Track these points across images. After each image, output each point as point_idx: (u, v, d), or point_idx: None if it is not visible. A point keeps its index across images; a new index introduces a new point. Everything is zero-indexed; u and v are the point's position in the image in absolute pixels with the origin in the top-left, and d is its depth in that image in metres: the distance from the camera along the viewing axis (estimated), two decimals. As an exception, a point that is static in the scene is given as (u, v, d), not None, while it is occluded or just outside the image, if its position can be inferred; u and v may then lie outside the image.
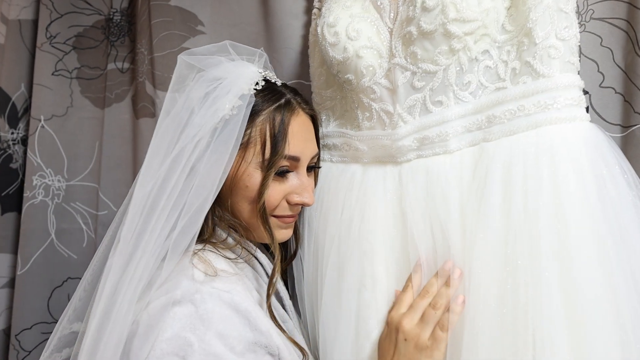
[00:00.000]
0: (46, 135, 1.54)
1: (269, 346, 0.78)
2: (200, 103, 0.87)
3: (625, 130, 0.89)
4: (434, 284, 0.82)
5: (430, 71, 0.88)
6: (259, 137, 0.88)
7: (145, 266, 0.78)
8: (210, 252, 0.85)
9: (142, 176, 0.86)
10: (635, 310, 0.69)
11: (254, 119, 0.88)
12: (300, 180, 0.93)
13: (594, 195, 0.73)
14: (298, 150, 0.90)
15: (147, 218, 0.81)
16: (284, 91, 0.94)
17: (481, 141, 0.85)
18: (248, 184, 0.88)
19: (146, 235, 0.80)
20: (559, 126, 0.77)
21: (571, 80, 0.78)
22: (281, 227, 0.95)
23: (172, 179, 0.82)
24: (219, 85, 0.88)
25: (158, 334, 0.74)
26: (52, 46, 1.55)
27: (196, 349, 0.72)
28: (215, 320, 0.74)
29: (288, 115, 0.90)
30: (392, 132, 0.93)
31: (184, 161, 0.82)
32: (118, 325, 0.76)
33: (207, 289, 0.77)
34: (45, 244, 1.52)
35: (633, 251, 0.71)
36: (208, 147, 0.83)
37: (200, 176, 0.82)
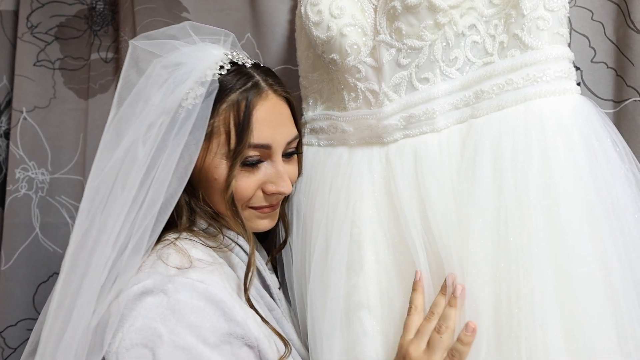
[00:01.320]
0: (28, 127, 1.50)
1: (246, 337, 0.75)
2: (157, 91, 0.81)
3: (618, 105, 0.87)
4: (439, 303, 0.76)
5: (416, 47, 0.85)
6: (223, 126, 0.83)
7: (97, 265, 0.75)
8: (187, 241, 0.82)
9: (93, 170, 0.82)
10: (628, 285, 0.67)
11: (218, 106, 0.82)
12: (275, 169, 0.88)
13: (586, 169, 0.70)
14: (267, 137, 0.85)
15: (100, 212, 0.78)
16: (252, 73, 0.88)
17: (469, 118, 0.82)
18: (216, 176, 0.84)
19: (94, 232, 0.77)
20: (548, 99, 0.74)
21: (560, 52, 0.76)
22: (260, 218, 0.92)
23: (127, 175, 0.78)
24: (178, 71, 0.82)
25: (128, 324, 0.72)
26: (33, 36, 1.51)
27: (165, 340, 0.70)
28: (187, 311, 0.72)
29: (254, 100, 0.84)
30: (378, 111, 0.90)
31: (140, 154, 0.78)
32: (82, 319, 0.73)
33: (180, 279, 0.74)
34: (29, 239, 1.49)
35: (626, 226, 0.69)
36: (168, 139, 0.79)
37: (162, 171, 0.77)
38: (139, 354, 0.70)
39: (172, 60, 0.84)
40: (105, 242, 0.75)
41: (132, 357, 0.70)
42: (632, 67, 0.84)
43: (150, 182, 0.77)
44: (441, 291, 0.77)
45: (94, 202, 0.79)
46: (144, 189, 0.77)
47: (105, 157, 0.81)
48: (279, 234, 1.08)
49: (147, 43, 0.85)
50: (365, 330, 0.86)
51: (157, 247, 0.79)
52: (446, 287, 0.76)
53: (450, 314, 0.74)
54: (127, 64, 0.85)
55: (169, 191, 0.78)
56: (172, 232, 0.83)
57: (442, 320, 0.75)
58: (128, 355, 0.70)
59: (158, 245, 0.80)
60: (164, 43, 0.86)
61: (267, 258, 1.07)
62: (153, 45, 0.85)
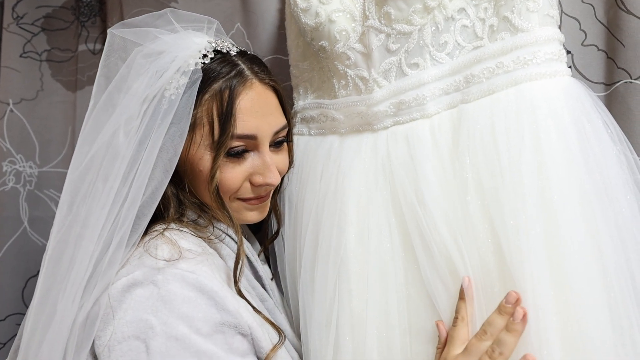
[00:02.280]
0: (15, 119, 1.48)
1: (239, 326, 0.74)
2: (138, 82, 0.79)
3: (609, 88, 0.86)
4: (494, 323, 0.69)
5: (405, 32, 0.84)
6: (206, 117, 0.81)
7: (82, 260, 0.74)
8: (176, 232, 0.81)
9: (73, 161, 0.81)
10: (620, 265, 0.67)
11: (201, 96, 0.80)
12: (262, 160, 0.85)
13: (577, 151, 0.70)
14: (251, 127, 0.82)
15: (82, 206, 0.77)
16: (237, 61, 0.85)
17: (460, 103, 0.81)
18: (201, 168, 0.82)
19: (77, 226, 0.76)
20: (539, 82, 0.74)
21: (551, 33, 0.75)
22: (248, 210, 0.90)
23: (109, 168, 0.76)
24: (159, 60, 0.80)
25: (119, 317, 0.70)
26: (19, 27, 1.49)
27: (158, 331, 0.69)
28: (179, 301, 0.71)
29: (238, 89, 0.82)
30: (368, 97, 0.90)
31: (122, 148, 0.76)
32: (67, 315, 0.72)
33: (170, 270, 0.72)
34: (17, 233, 1.47)
35: (618, 207, 0.69)
36: (150, 132, 0.77)
37: (145, 164, 0.76)
38: (131, 346, 0.69)
39: (153, 49, 0.81)
40: (90, 236, 0.74)
41: (125, 349, 0.69)
42: (623, 49, 0.83)
43: (134, 175, 0.75)
44: (499, 309, 0.70)
45: (76, 195, 0.78)
46: (127, 183, 0.75)
47: (85, 148, 0.79)
48: (271, 225, 1.07)
49: (127, 31, 0.83)
50: (352, 320, 0.85)
51: (145, 239, 0.78)
52: (505, 307, 0.69)
53: (508, 341, 0.67)
54: (106, 52, 0.83)
55: (154, 184, 0.77)
56: (161, 223, 0.82)
57: (497, 345, 0.68)
58: (120, 348, 0.69)
59: (146, 237, 0.78)
60: (144, 31, 0.83)
61: (260, 249, 1.06)
62: (133, 34, 0.83)
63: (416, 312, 0.81)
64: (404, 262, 0.82)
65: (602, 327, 0.65)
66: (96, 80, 0.82)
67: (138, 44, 0.82)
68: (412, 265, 0.81)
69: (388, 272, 0.83)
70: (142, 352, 0.69)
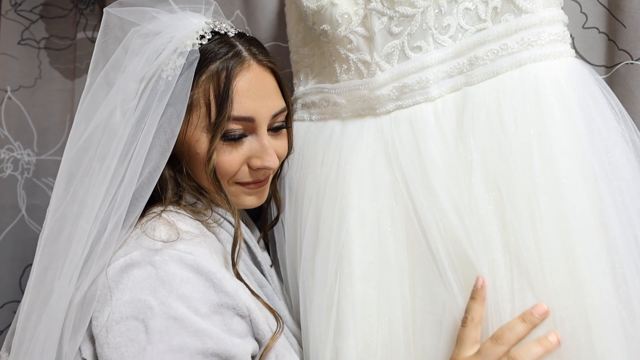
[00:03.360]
0: (13, 107, 1.48)
1: (237, 307, 0.74)
2: (134, 61, 0.78)
3: (610, 70, 0.87)
4: (515, 329, 0.67)
5: (408, 15, 0.84)
6: (203, 98, 0.80)
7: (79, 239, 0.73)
8: (174, 213, 0.80)
9: (70, 140, 0.80)
10: (628, 242, 0.67)
11: (198, 77, 0.79)
12: (260, 143, 0.85)
13: (583, 131, 0.70)
14: (249, 109, 0.82)
15: (80, 185, 0.77)
16: (235, 42, 0.84)
17: (463, 85, 0.81)
18: (197, 150, 0.82)
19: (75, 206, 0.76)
20: (543, 63, 0.74)
21: (555, 14, 0.75)
22: (247, 194, 0.89)
23: (106, 148, 0.76)
24: (156, 40, 0.79)
25: (116, 297, 0.70)
26: (17, 14, 1.49)
27: (157, 312, 0.69)
28: (177, 282, 0.70)
29: (235, 70, 0.81)
30: (370, 80, 0.89)
31: (119, 128, 0.76)
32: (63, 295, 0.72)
33: (168, 251, 0.72)
34: (15, 220, 1.48)
35: (625, 185, 0.69)
36: (147, 112, 0.76)
37: (141, 144, 0.75)
38: (129, 326, 0.69)
39: (150, 29, 0.81)
40: (87, 216, 0.73)
41: (123, 329, 0.69)
42: (624, 30, 0.83)
43: (131, 156, 0.75)
44: (523, 317, 0.67)
45: (73, 174, 0.78)
46: (124, 162, 0.75)
47: (82, 126, 0.79)
48: (271, 212, 1.07)
49: (123, 10, 0.82)
50: (354, 304, 0.85)
51: (143, 221, 0.77)
52: (531, 316, 0.66)
53: (535, 352, 0.65)
54: (102, 31, 0.82)
55: (151, 165, 0.76)
56: (158, 205, 0.81)
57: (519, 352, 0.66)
58: (118, 328, 0.69)
59: (143, 219, 0.78)
60: (141, 11, 0.82)
61: (259, 235, 1.05)
62: (129, 13, 0.82)
63: (419, 294, 0.80)
64: (407, 244, 0.81)
65: (609, 303, 0.65)
66: (92, 59, 0.82)
67: (135, 23, 0.81)
68: (414, 247, 0.81)
69: (390, 255, 0.82)
70: (140, 332, 0.68)
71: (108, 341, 0.69)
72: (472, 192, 0.75)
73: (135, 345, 0.68)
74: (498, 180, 0.73)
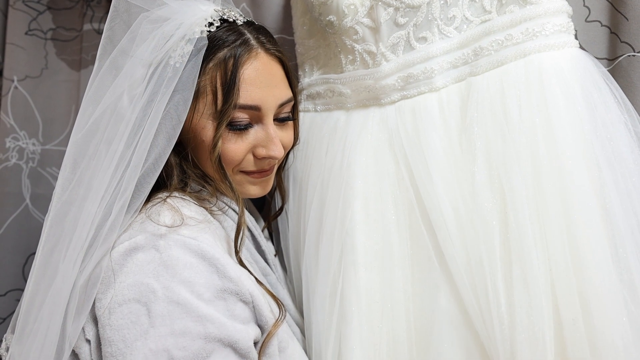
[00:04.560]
0: (19, 96, 1.48)
1: (240, 293, 0.74)
2: (143, 47, 0.78)
3: (612, 63, 0.87)
4: None
5: (414, 5, 0.85)
6: (209, 86, 0.80)
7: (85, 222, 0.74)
8: (179, 199, 0.80)
9: (77, 124, 0.80)
10: (632, 228, 0.68)
11: (205, 65, 0.80)
12: (265, 132, 0.85)
13: (586, 119, 0.71)
14: (255, 98, 0.82)
15: (86, 168, 0.77)
16: (243, 31, 0.85)
17: (468, 76, 0.82)
18: (203, 138, 0.82)
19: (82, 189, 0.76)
20: (548, 53, 0.75)
21: (559, 5, 0.76)
22: (251, 184, 0.90)
23: (113, 133, 0.76)
24: (165, 26, 0.79)
25: (120, 280, 0.71)
26: (25, 5, 1.49)
27: (160, 295, 0.69)
28: (180, 267, 0.71)
29: (243, 58, 0.81)
30: (375, 70, 0.90)
31: (127, 113, 0.76)
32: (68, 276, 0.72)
33: (172, 236, 0.72)
34: (19, 209, 1.48)
35: (628, 172, 0.70)
36: (154, 98, 0.76)
37: (149, 130, 0.75)
38: (132, 309, 0.69)
39: (160, 15, 0.80)
40: (93, 198, 0.74)
41: (125, 312, 0.69)
42: (627, 22, 0.84)
43: (138, 140, 0.75)
44: None
45: (80, 157, 0.78)
46: (131, 147, 0.75)
47: (89, 110, 0.79)
48: (275, 203, 1.07)
49: None
50: (358, 291, 0.85)
51: (148, 206, 0.78)
52: None
53: None
54: (111, 16, 0.82)
55: (157, 150, 0.76)
56: (164, 191, 0.82)
57: None
58: (120, 310, 0.69)
59: (148, 204, 0.78)
60: None
61: (263, 225, 1.06)
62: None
63: (420, 282, 0.81)
64: (409, 232, 0.82)
65: (611, 289, 0.66)
66: (101, 44, 0.81)
67: (144, 9, 0.81)
68: (416, 235, 0.82)
69: (393, 243, 0.83)
70: (142, 315, 0.69)
71: (110, 323, 0.69)
72: (474, 180, 0.76)
73: (138, 327, 0.68)
74: (500, 169, 0.74)
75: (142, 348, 0.68)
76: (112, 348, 0.69)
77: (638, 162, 0.71)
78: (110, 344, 0.69)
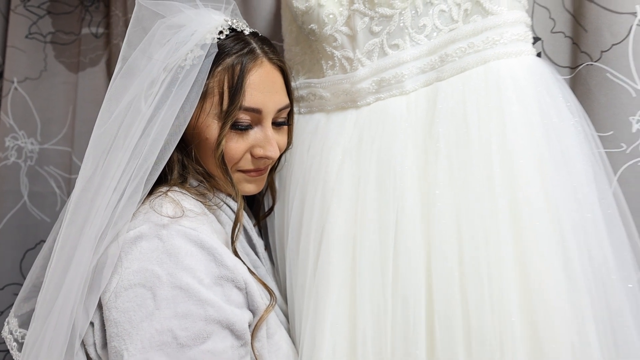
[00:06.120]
0: (19, 97, 1.55)
1: (235, 280, 0.80)
2: (159, 50, 0.85)
3: (573, 71, 0.93)
4: None
5: (387, 15, 0.91)
6: (217, 87, 0.87)
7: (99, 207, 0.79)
8: (179, 193, 0.86)
9: (99, 118, 0.86)
10: (576, 223, 0.73)
11: (214, 69, 0.87)
12: (264, 134, 0.91)
13: (538, 122, 0.76)
14: (258, 101, 0.88)
15: (103, 158, 0.82)
16: (250, 40, 0.92)
17: (435, 81, 0.88)
18: (207, 135, 0.88)
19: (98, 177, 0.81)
20: (505, 60, 0.80)
21: (517, 16, 0.82)
22: (247, 181, 0.96)
23: (129, 127, 0.82)
24: (180, 33, 0.86)
25: (125, 266, 0.76)
26: (26, 9, 1.55)
27: (164, 281, 0.74)
28: (182, 254, 0.76)
29: (249, 64, 0.88)
30: (352, 75, 0.96)
31: (143, 109, 0.82)
32: (83, 260, 0.77)
33: (174, 226, 0.78)
34: (18, 206, 1.53)
35: (574, 172, 0.76)
36: (167, 96, 0.83)
37: (160, 125, 0.81)
38: (137, 293, 0.74)
39: (176, 22, 0.88)
40: (107, 186, 0.79)
41: (131, 295, 0.74)
42: (585, 34, 0.90)
43: (149, 135, 0.81)
44: None
45: (99, 148, 0.83)
46: (142, 141, 0.81)
47: (112, 106, 0.85)
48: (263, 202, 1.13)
49: (153, 3, 0.89)
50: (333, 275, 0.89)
51: (151, 198, 0.83)
52: None
53: None
54: (133, 22, 0.89)
55: (163, 145, 0.82)
56: (165, 185, 0.88)
57: None
58: (126, 294, 0.75)
59: (151, 197, 0.84)
60: (168, 5, 0.90)
61: (254, 222, 1.12)
62: (158, 6, 0.89)
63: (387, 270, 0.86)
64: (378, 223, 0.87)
65: (559, 287, 0.71)
66: (123, 47, 0.88)
67: (162, 15, 0.88)
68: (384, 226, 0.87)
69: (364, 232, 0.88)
70: (148, 299, 0.74)
71: (117, 306, 0.75)
72: (437, 178, 0.81)
73: (143, 310, 0.74)
74: (460, 169, 0.79)
75: (148, 328, 0.73)
76: (118, 329, 0.74)
77: (584, 161, 0.76)
78: (116, 324, 0.74)
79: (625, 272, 0.73)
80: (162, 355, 0.72)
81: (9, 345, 0.91)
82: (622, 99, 0.85)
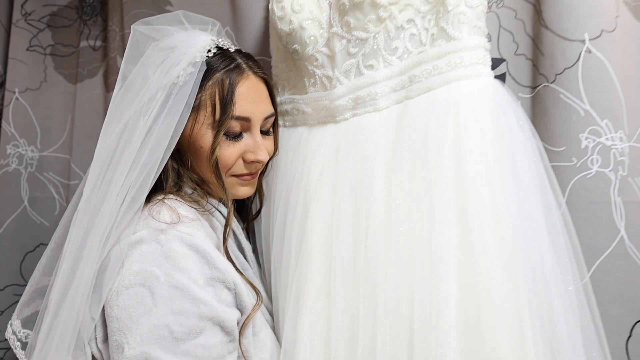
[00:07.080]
0: (20, 107, 1.61)
1: (226, 281, 0.88)
2: (155, 70, 0.94)
3: (533, 91, 1.01)
4: None
5: (362, 38, 0.99)
6: (209, 100, 0.95)
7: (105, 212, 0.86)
8: (174, 200, 0.94)
9: (103, 132, 0.95)
10: (519, 228, 0.81)
11: (205, 83, 0.95)
12: (254, 140, 1.00)
13: (490, 139, 0.84)
14: (247, 111, 0.97)
15: (108, 167, 0.91)
16: (235, 56, 1.01)
17: (404, 99, 0.96)
18: (202, 144, 0.96)
19: (105, 184, 0.89)
20: (465, 82, 0.88)
21: (477, 41, 0.90)
22: (241, 185, 1.04)
23: (129, 139, 0.90)
24: (173, 54, 0.95)
25: (126, 268, 0.83)
26: (27, 23, 1.62)
27: (162, 281, 0.82)
28: (179, 257, 0.84)
29: (236, 78, 0.97)
30: (330, 92, 1.04)
31: (141, 123, 0.90)
32: (90, 261, 0.85)
33: (171, 232, 0.86)
34: (18, 210, 1.60)
35: (522, 183, 0.84)
36: (162, 110, 0.90)
37: (156, 136, 0.90)
38: (137, 291, 0.82)
39: (168, 43, 0.97)
40: (111, 193, 0.87)
41: (132, 294, 0.82)
42: (543, 57, 0.98)
43: (146, 146, 0.89)
44: None
45: (102, 160, 0.92)
46: (141, 151, 0.89)
47: (114, 122, 0.94)
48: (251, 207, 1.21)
49: (146, 28, 0.99)
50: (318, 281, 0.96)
51: (149, 205, 0.91)
52: None
53: None
54: (130, 45, 0.99)
55: (158, 154, 0.90)
56: (160, 193, 0.95)
57: None
58: (127, 292, 0.82)
59: (149, 204, 0.92)
60: (160, 29, 0.99)
61: (242, 226, 1.19)
62: (151, 30, 0.99)
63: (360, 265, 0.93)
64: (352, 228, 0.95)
65: (497, 277, 0.78)
66: (121, 69, 0.97)
67: (155, 39, 0.98)
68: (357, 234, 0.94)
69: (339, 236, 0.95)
70: (147, 297, 0.81)
71: (118, 303, 0.82)
72: (400, 189, 0.89)
73: (142, 307, 0.81)
74: (421, 182, 0.87)
75: (147, 323, 0.80)
76: (119, 324, 0.81)
77: (532, 175, 0.84)
78: (117, 320, 0.82)
79: (565, 277, 0.81)
80: (159, 347, 0.79)
81: (12, 344, 0.99)
82: (573, 117, 0.93)
